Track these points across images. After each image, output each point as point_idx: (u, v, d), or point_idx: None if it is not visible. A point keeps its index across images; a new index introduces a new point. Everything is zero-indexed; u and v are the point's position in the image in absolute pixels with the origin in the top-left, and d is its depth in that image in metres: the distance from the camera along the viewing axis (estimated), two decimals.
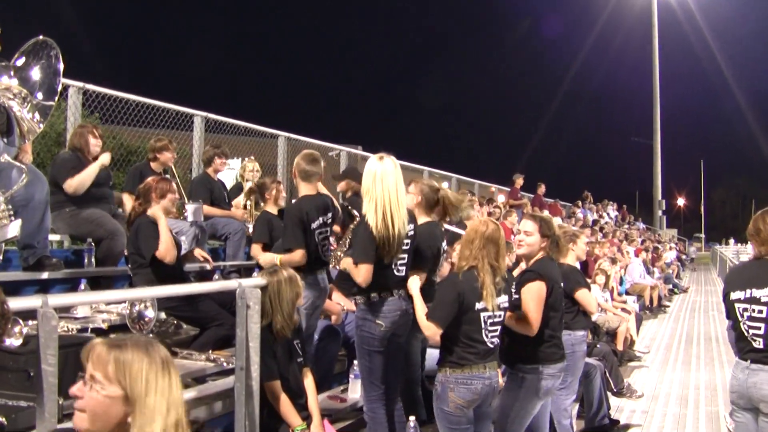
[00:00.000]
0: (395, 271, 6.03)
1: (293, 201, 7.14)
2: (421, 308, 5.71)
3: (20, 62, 6.20)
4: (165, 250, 6.68)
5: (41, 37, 6.34)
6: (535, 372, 5.89)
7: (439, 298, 5.57)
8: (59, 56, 6.19)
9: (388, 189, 5.87)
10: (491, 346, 5.53)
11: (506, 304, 5.64)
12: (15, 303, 3.84)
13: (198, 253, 8.59)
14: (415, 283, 5.94)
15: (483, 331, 5.46)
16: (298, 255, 6.81)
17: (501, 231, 5.69)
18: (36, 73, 6.07)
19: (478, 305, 5.44)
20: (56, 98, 6.27)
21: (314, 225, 6.94)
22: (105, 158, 8.12)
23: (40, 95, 6.02)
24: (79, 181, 7.84)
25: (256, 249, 7.58)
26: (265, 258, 7.22)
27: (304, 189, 7.07)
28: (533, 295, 5.86)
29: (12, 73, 6.01)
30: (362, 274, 5.84)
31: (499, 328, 5.60)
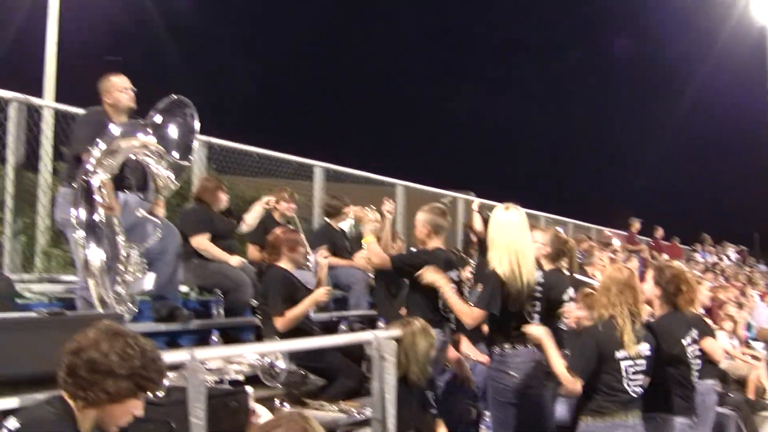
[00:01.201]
0: (528, 320, 5.97)
1: (421, 252, 7.08)
2: (556, 358, 5.62)
3: (157, 119, 6.41)
4: (289, 320, 6.80)
5: (176, 96, 6.54)
6: (669, 422, 5.79)
7: (578, 349, 5.52)
8: (195, 115, 6.38)
9: (514, 239, 5.85)
10: (634, 395, 5.43)
11: (648, 352, 5.53)
12: (165, 357, 3.94)
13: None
14: (539, 331, 5.85)
15: (624, 380, 5.40)
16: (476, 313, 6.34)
17: (635, 276, 5.62)
18: (173, 131, 6.26)
19: (618, 354, 5.38)
20: (191, 157, 6.47)
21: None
22: (234, 261, 8.17)
23: (176, 154, 6.20)
24: (205, 247, 8.03)
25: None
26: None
27: (433, 243, 7.01)
28: None
29: (149, 130, 6.21)
30: (474, 317, 5.96)
31: (642, 376, 5.49)
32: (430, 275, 6.35)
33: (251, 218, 8.84)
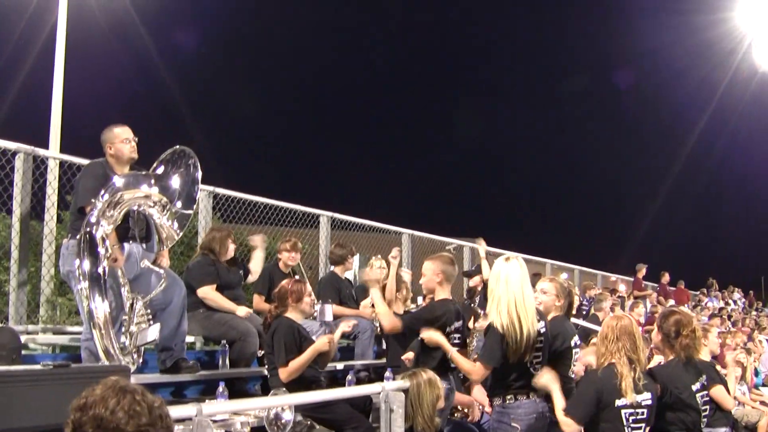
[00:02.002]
0: (532, 370, 5.93)
1: (429, 307, 7.06)
2: (560, 403, 5.62)
3: (159, 170, 6.44)
4: (293, 370, 6.76)
5: (179, 146, 6.59)
6: None
7: (577, 395, 5.53)
8: (197, 165, 6.42)
9: (513, 290, 5.84)
10: None
11: (650, 401, 5.51)
12: (171, 411, 3.91)
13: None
14: (547, 379, 5.83)
15: (625, 428, 5.40)
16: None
17: (634, 323, 5.64)
18: (175, 182, 6.30)
19: (619, 402, 5.38)
20: (194, 207, 6.49)
21: (449, 329, 6.89)
22: (241, 312, 8.15)
23: (179, 204, 6.23)
24: (212, 298, 8.01)
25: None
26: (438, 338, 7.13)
27: (442, 293, 6.98)
28: None
29: (152, 181, 6.24)
30: (476, 371, 5.98)
31: (643, 425, 5.47)
32: (432, 336, 6.38)
33: (255, 265, 8.84)
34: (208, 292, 7.98)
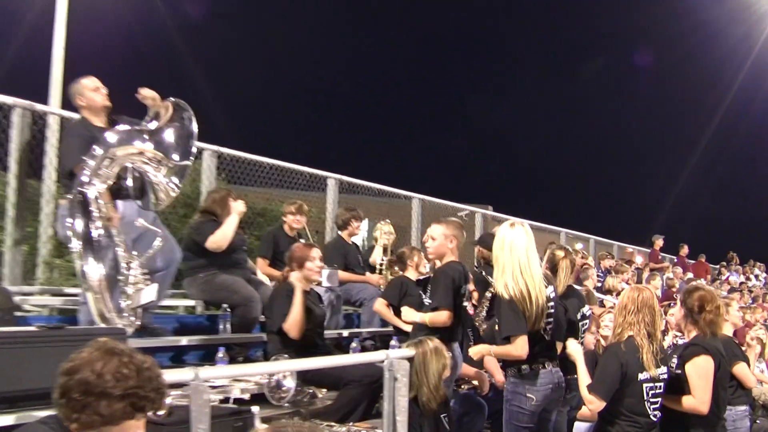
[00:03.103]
0: (545, 338, 5.87)
1: (443, 268, 7.03)
2: (584, 379, 5.58)
3: (152, 125, 6.36)
4: (291, 325, 6.73)
5: (173, 99, 6.50)
6: None
7: (601, 369, 5.46)
8: (192, 118, 6.34)
9: (518, 256, 5.74)
10: (654, 419, 5.43)
11: (665, 375, 5.49)
12: (168, 376, 3.89)
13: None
14: (577, 349, 5.81)
15: (645, 403, 5.41)
16: (444, 315, 6.71)
17: (655, 297, 5.59)
18: (169, 136, 6.21)
19: (641, 376, 5.37)
20: (192, 159, 6.41)
21: (463, 290, 6.88)
22: (240, 206, 8.08)
23: (175, 157, 6.15)
24: (221, 236, 7.82)
25: (407, 313, 7.47)
26: (411, 316, 7.14)
27: (451, 255, 6.97)
28: (701, 371, 5.64)
29: (146, 137, 6.17)
30: (519, 347, 5.66)
31: (659, 400, 5.50)
32: (479, 350, 6.22)
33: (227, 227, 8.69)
34: (213, 239, 7.79)
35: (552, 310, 5.98)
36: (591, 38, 60.37)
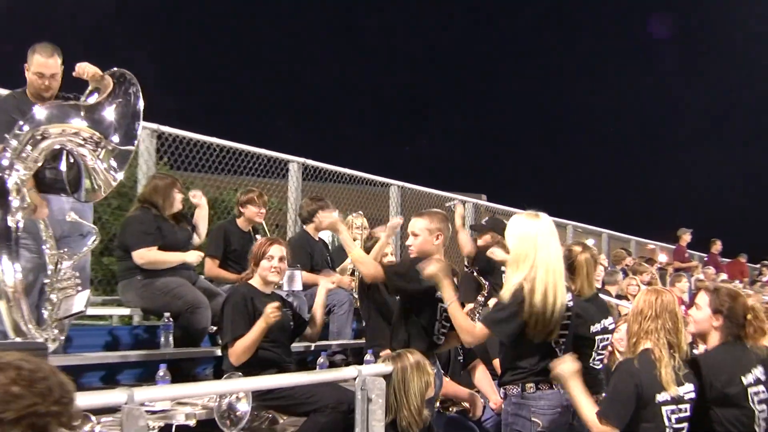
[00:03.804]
0: (557, 353, 5.85)
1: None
2: (583, 401, 5.54)
3: (92, 99, 6.31)
4: (238, 350, 6.75)
5: (117, 69, 6.45)
6: None
7: (612, 391, 5.43)
8: (139, 94, 6.29)
9: (553, 257, 5.74)
10: None
11: (693, 395, 5.45)
12: (95, 398, 3.89)
13: None
14: (569, 368, 5.74)
15: (667, 429, 5.31)
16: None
17: (676, 301, 5.58)
18: (110, 114, 6.16)
19: (660, 397, 5.29)
20: (135, 142, 6.37)
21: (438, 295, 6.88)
22: (192, 257, 8.14)
23: (115, 139, 6.11)
24: (152, 260, 7.86)
25: None
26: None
27: (438, 254, 6.92)
28: None
29: (83, 113, 6.10)
30: (476, 335, 5.88)
31: (685, 425, 5.42)
32: (433, 268, 6.12)
33: (201, 227, 8.72)
34: (145, 255, 7.82)
35: (569, 321, 5.97)
36: (609, 9, 60.80)
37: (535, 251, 5.69)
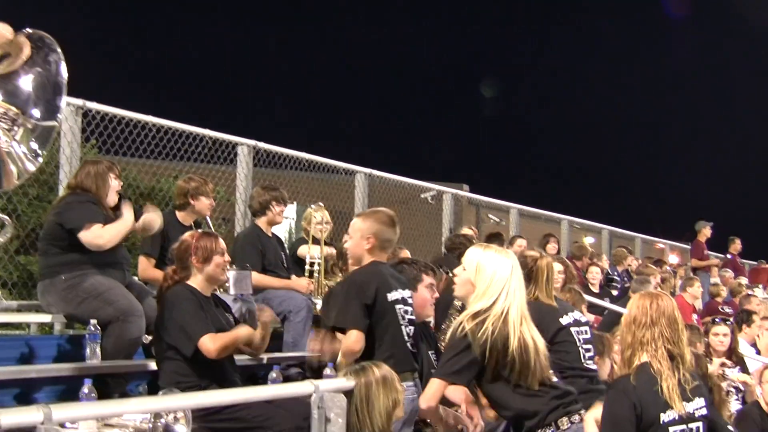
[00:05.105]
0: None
1: (354, 271, 7.16)
2: None
3: (1, 67, 6.28)
4: (215, 350, 6.76)
5: (32, 30, 6.41)
6: None
7: (608, 415, 5.47)
8: (61, 61, 6.26)
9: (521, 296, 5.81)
10: None
11: (704, 411, 5.49)
12: (6, 418, 3.89)
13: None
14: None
15: None
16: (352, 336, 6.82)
17: (676, 306, 5.61)
18: (26, 84, 6.13)
19: (665, 416, 5.33)
20: (58, 117, 6.33)
21: (391, 298, 6.96)
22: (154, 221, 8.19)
23: (35, 113, 6.07)
24: (111, 235, 7.84)
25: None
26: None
27: (370, 258, 7.14)
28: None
29: None
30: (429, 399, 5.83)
31: None
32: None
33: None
34: (97, 230, 7.76)
35: (588, 335, 6.03)
36: None
37: (504, 291, 5.72)
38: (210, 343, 6.72)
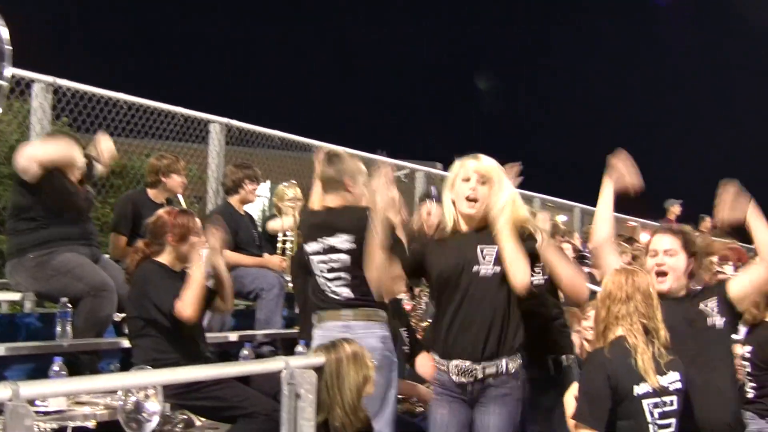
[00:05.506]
0: None
1: None
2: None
3: None
4: (188, 307, 6.72)
5: None
6: None
7: (583, 388, 5.47)
8: (4, 30, 6.17)
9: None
10: None
11: (680, 385, 5.50)
12: None
13: None
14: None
15: (650, 427, 5.36)
16: None
17: (649, 280, 5.63)
18: None
19: (638, 389, 5.34)
20: (5, 79, 6.23)
21: (309, 249, 6.93)
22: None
23: None
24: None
25: None
26: None
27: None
28: None
29: None
30: None
31: (673, 420, 5.47)
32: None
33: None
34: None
35: None
36: None
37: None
38: (182, 307, 6.68)
